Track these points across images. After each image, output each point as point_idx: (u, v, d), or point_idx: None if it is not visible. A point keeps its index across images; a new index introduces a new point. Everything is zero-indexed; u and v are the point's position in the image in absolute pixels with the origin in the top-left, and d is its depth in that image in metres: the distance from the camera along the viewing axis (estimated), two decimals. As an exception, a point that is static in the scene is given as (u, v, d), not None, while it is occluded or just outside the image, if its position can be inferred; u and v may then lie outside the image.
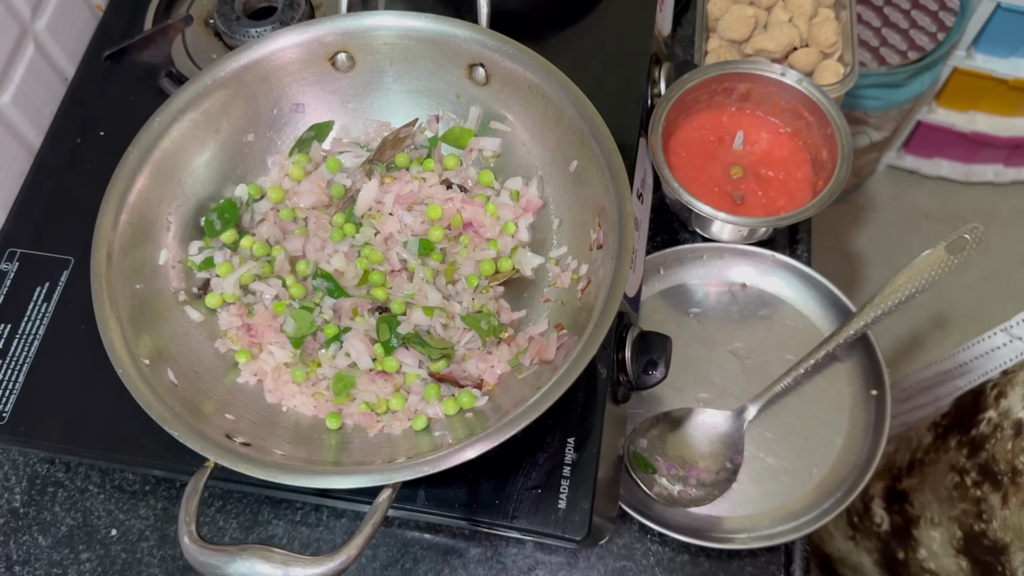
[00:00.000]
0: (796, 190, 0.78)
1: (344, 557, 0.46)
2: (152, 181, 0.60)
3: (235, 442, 0.53)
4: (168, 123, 0.61)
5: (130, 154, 0.60)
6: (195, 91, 0.62)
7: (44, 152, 0.74)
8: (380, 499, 0.49)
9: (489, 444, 0.49)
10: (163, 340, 0.58)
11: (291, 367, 0.60)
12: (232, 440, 0.53)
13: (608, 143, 0.58)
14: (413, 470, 0.49)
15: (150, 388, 0.53)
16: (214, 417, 0.55)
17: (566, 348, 0.55)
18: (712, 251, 0.79)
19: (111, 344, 0.54)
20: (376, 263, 0.63)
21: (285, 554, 0.46)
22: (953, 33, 1.41)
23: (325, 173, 0.67)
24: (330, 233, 0.64)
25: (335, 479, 0.50)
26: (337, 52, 0.65)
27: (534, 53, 0.62)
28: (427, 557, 0.68)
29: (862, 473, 0.70)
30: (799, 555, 0.71)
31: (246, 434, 0.54)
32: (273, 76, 0.65)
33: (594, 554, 0.69)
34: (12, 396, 0.63)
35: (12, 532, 0.69)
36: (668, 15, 0.85)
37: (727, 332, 0.78)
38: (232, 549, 0.46)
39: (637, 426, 0.72)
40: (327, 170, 0.67)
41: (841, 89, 0.80)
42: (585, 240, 0.61)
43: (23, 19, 0.76)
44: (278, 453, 0.54)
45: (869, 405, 0.74)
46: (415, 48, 0.64)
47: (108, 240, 0.57)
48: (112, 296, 0.56)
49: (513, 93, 0.64)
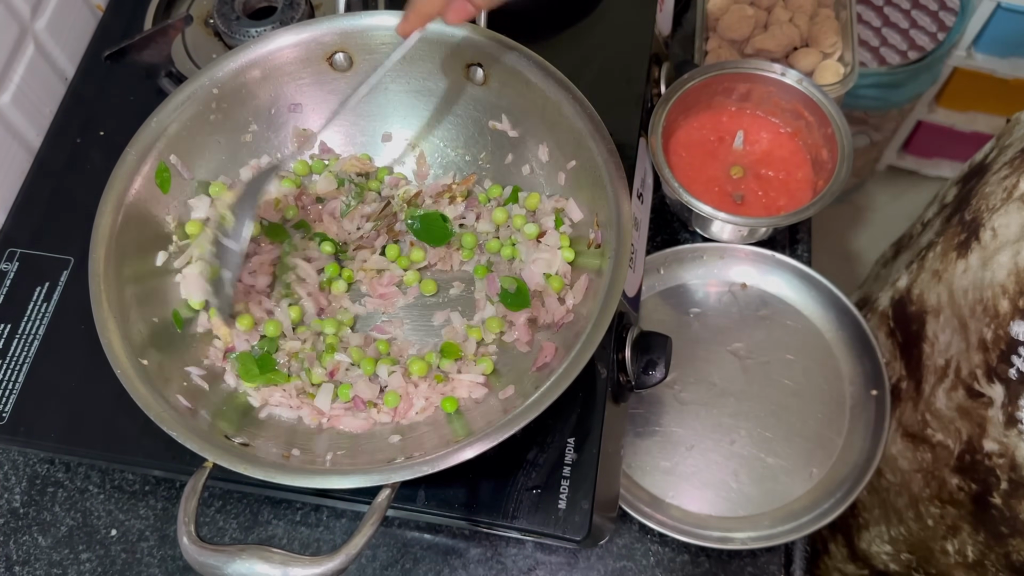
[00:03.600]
0: (796, 190, 0.77)
1: (343, 557, 0.46)
2: (150, 182, 0.60)
3: (234, 442, 0.53)
4: (166, 124, 0.61)
5: (128, 155, 0.60)
6: (192, 91, 0.62)
7: (44, 152, 0.74)
8: (379, 499, 0.49)
9: (488, 444, 0.49)
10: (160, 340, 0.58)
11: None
12: (231, 440, 0.53)
13: (606, 143, 0.58)
14: (412, 470, 0.49)
15: (149, 389, 0.53)
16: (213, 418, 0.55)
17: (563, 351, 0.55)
18: (712, 251, 0.79)
19: (109, 345, 0.54)
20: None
21: (284, 554, 0.46)
22: (953, 33, 1.41)
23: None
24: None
25: (334, 479, 0.50)
26: (335, 52, 0.65)
27: (532, 53, 0.62)
28: (427, 557, 0.68)
29: (862, 473, 0.70)
30: (799, 555, 0.71)
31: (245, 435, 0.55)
32: (271, 76, 0.65)
33: (594, 554, 0.69)
34: (12, 396, 0.63)
35: (12, 532, 0.69)
36: (668, 15, 0.85)
37: (727, 332, 0.77)
38: (231, 549, 0.46)
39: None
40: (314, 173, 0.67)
41: (841, 89, 0.80)
42: (583, 239, 0.61)
43: (23, 19, 0.76)
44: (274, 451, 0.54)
45: (869, 405, 0.74)
46: (413, 48, 0.64)
47: (106, 241, 0.57)
48: (111, 297, 0.56)
49: (511, 93, 0.64)
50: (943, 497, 0.77)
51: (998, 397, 0.68)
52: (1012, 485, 0.69)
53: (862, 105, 1.47)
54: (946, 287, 0.74)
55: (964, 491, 0.74)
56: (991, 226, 0.69)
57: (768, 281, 0.79)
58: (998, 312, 0.66)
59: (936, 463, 0.77)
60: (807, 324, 0.78)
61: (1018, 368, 0.65)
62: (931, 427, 0.76)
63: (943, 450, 0.76)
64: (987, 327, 0.68)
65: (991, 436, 0.69)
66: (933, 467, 0.78)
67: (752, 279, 0.80)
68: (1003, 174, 0.72)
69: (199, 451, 0.50)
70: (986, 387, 0.69)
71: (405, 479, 0.49)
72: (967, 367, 0.71)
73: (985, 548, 0.74)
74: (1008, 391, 0.67)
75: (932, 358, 0.77)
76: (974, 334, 0.70)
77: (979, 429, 0.70)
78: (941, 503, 0.77)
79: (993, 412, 0.68)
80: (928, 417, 0.76)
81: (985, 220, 0.70)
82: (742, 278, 0.80)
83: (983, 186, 0.76)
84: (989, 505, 0.71)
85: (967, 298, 0.70)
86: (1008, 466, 0.68)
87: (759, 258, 0.79)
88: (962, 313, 0.71)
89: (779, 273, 0.79)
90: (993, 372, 0.68)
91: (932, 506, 0.79)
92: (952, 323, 0.73)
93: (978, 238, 0.70)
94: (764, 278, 0.79)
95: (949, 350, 0.74)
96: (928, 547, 0.81)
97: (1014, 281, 0.64)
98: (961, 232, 0.74)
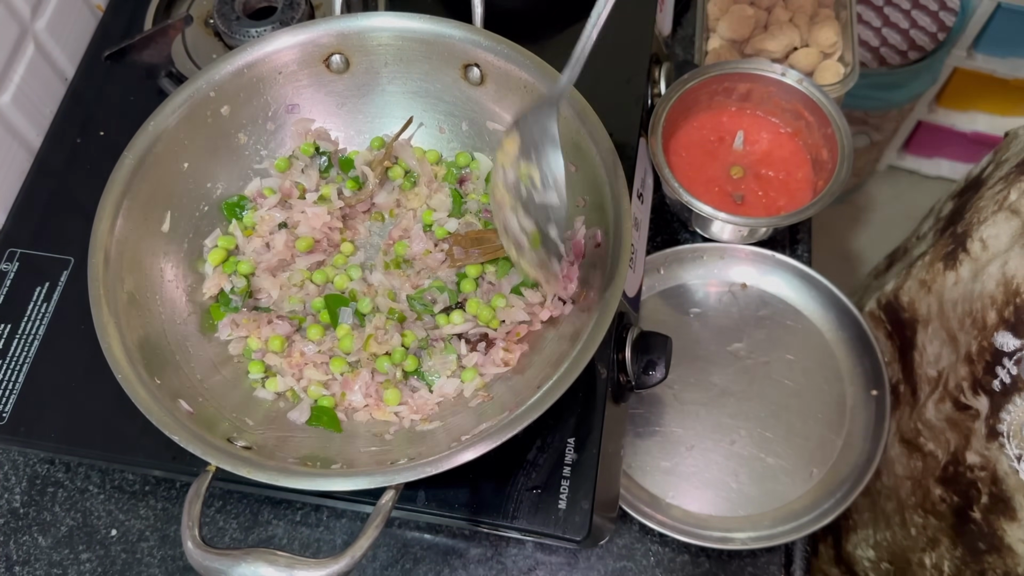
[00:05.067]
0: (796, 190, 0.77)
1: (348, 559, 0.46)
2: (148, 184, 0.60)
3: (236, 446, 0.53)
4: (163, 126, 0.61)
5: (125, 158, 0.59)
6: (190, 94, 0.62)
7: (44, 152, 0.74)
8: (383, 501, 0.49)
9: (490, 445, 0.49)
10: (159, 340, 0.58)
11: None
12: (233, 444, 0.53)
13: (605, 142, 0.58)
14: (415, 471, 0.49)
15: (150, 393, 0.53)
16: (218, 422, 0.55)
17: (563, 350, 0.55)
18: (712, 251, 0.79)
19: (110, 349, 0.54)
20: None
21: (289, 557, 0.46)
22: (953, 33, 1.41)
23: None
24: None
25: (337, 481, 0.50)
26: (332, 54, 0.65)
27: (529, 53, 0.62)
28: (427, 557, 0.68)
29: (862, 473, 0.70)
30: (799, 555, 0.71)
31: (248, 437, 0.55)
32: (268, 78, 0.65)
33: (594, 554, 0.69)
34: (12, 396, 0.63)
35: (12, 532, 0.69)
36: (668, 15, 0.85)
37: (727, 332, 0.78)
38: (236, 553, 0.46)
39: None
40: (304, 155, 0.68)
41: (841, 89, 0.80)
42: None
43: (23, 19, 0.76)
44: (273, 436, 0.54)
45: (869, 405, 0.74)
46: (410, 49, 0.64)
47: (105, 244, 0.57)
48: (110, 300, 0.55)
49: (508, 93, 0.64)
50: (927, 507, 0.77)
51: (983, 409, 0.67)
52: (992, 500, 0.68)
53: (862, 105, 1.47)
54: (936, 298, 0.73)
55: (946, 503, 0.74)
56: (979, 237, 0.68)
57: (768, 281, 0.79)
58: (985, 324, 0.66)
59: (924, 472, 0.77)
60: (807, 324, 0.78)
61: (1001, 379, 0.65)
62: (923, 436, 0.76)
63: (932, 460, 0.76)
64: (974, 339, 0.67)
65: (974, 449, 0.69)
66: (921, 476, 0.77)
67: (752, 279, 0.80)
68: (997, 188, 0.72)
69: (202, 455, 0.50)
70: (972, 399, 0.68)
71: (408, 480, 0.49)
72: (955, 379, 0.70)
73: (962, 564, 0.74)
74: (991, 403, 0.66)
75: (923, 367, 0.76)
76: (963, 347, 0.69)
77: (964, 441, 0.70)
78: (924, 513, 0.77)
79: (978, 424, 0.68)
80: (920, 426, 0.76)
81: (973, 232, 0.70)
82: (742, 278, 0.80)
83: (977, 200, 0.75)
84: (969, 519, 0.71)
85: (956, 310, 0.70)
86: (989, 479, 0.68)
87: (759, 258, 0.79)
88: (951, 326, 0.71)
89: (779, 273, 0.79)
90: (979, 384, 0.67)
91: (916, 515, 0.78)
92: (941, 335, 0.73)
93: (966, 249, 0.70)
94: (764, 278, 0.79)
95: (940, 362, 0.74)
96: (907, 558, 0.81)
97: (1002, 292, 0.64)
98: (950, 243, 0.74)
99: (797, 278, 0.79)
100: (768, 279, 0.79)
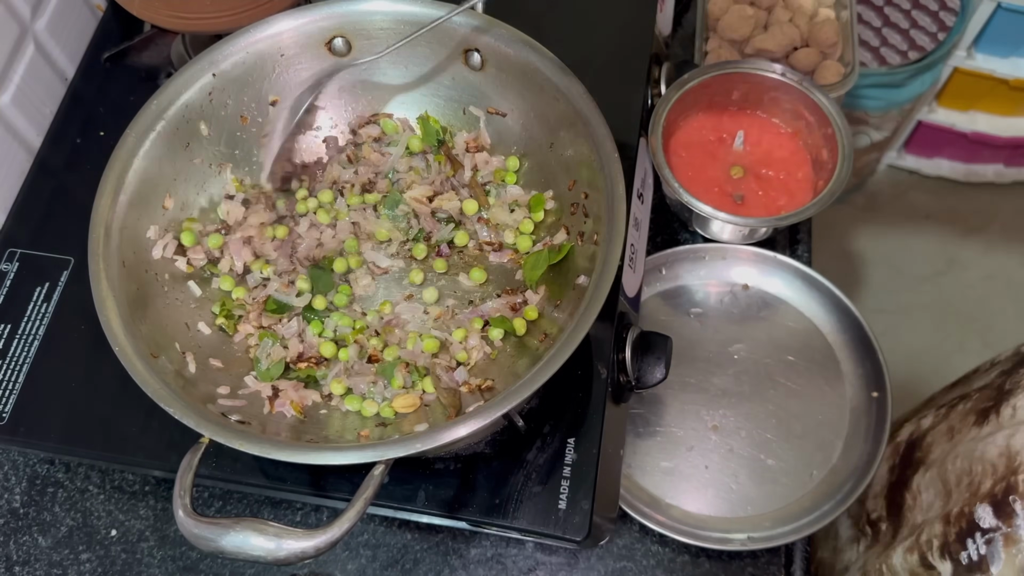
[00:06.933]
0: (796, 190, 0.77)
1: (336, 530, 0.46)
2: (149, 162, 0.61)
3: (231, 420, 0.53)
4: (165, 106, 0.61)
5: (128, 136, 0.60)
6: (193, 75, 0.62)
7: (44, 152, 0.74)
8: (374, 472, 0.49)
9: (482, 421, 0.49)
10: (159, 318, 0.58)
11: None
12: (227, 418, 0.53)
13: (601, 127, 0.58)
14: (406, 446, 0.49)
15: (147, 367, 0.53)
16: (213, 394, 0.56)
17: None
18: (713, 251, 0.79)
19: (108, 323, 0.54)
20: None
21: (278, 527, 0.46)
22: (953, 33, 1.41)
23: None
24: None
25: (329, 455, 0.50)
26: (334, 37, 0.65)
27: (529, 38, 0.62)
28: (427, 557, 0.68)
29: (862, 475, 0.70)
30: (799, 556, 0.71)
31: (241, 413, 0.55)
32: (270, 60, 0.65)
33: (594, 555, 0.69)
34: (12, 396, 0.63)
35: (12, 532, 0.69)
36: (668, 15, 0.85)
37: (727, 333, 0.77)
38: (226, 522, 0.47)
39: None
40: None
41: (841, 89, 0.80)
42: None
43: (23, 19, 0.76)
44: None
45: (870, 407, 0.73)
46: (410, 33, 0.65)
47: (106, 219, 0.57)
48: (110, 275, 0.56)
49: (508, 79, 0.64)
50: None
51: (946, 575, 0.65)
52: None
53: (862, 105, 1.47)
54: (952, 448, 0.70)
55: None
56: (1014, 403, 0.66)
57: (769, 282, 0.79)
58: (979, 490, 0.63)
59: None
60: (808, 325, 0.78)
61: (969, 554, 0.62)
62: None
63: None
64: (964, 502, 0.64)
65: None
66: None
67: (753, 279, 0.80)
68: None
69: (195, 427, 0.51)
70: (938, 562, 0.65)
71: (399, 455, 0.49)
72: (928, 535, 0.67)
73: None
74: (954, 573, 0.64)
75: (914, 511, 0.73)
76: (952, 505, 0.66)
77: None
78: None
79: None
80: (884, 569, 0.73)
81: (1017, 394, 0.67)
82: (743, 279, 0.80)
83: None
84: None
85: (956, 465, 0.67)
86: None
87: (760, 259, 0.79)
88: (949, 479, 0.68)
89: (780, 274, 0.79)
90: (948, 549, 0.64)
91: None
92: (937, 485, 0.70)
93: (998, 411, 0.67)
94: (765, 279, 0.79)
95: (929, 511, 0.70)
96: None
97: (1004, 463, 0.62)
98: (991, 399, 0.70)
99: (798, 279, 0.79)
100: (769, 280, 0.79)
